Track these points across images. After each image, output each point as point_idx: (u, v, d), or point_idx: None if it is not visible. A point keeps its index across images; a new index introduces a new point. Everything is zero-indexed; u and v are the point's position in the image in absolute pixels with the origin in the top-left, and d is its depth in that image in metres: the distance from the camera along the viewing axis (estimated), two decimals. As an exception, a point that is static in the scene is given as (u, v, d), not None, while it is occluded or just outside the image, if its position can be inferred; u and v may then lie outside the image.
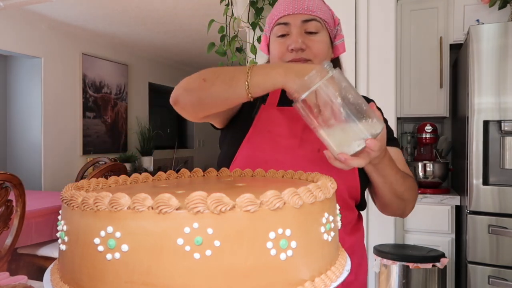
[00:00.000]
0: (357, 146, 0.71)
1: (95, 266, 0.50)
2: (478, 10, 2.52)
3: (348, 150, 0.72)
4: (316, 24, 0.95)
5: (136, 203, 0.48)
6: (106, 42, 4.90)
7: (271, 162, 0.92)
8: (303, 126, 0.95)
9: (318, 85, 0.69)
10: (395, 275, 2.13)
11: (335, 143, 0.72)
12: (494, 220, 2.10)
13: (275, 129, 0.97)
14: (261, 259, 0.49)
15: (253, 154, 0.95)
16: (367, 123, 0.70)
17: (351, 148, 0.71)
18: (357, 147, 0.71)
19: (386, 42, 2.28)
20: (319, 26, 0.95)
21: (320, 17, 0.96)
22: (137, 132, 5.37)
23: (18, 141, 4.27)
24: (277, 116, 0.98)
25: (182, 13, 3.89)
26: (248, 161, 0.94)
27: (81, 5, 3.66)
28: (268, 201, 0.50)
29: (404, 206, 0.99)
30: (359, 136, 0.70)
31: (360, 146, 0.71)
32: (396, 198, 0.94)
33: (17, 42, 3.85)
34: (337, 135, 0.71)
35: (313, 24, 0.95)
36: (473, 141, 2.15)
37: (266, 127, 0.97)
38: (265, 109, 1.00)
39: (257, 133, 0.97)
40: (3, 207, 1.97)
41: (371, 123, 0.70)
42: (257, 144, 0.96)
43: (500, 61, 2.09)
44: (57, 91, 4.29)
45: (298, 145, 0.95)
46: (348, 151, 0.72)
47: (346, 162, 0.72)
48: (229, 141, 1.02)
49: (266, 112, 0.99)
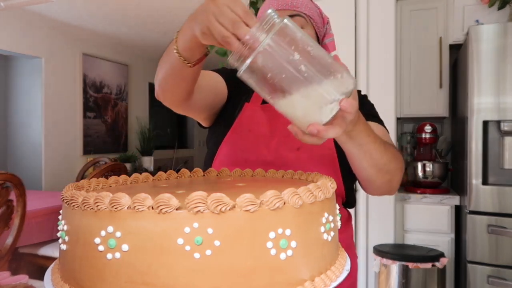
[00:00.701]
0: (330, 112, 0.56)
1: (95, 266, 0.51)
2: (478, 10, 2.52)
3: (319, 118, 0.57)
4: (301, 20, 0.95)
5: (136, 203, 0.49)
6: (106, 42, 4.90)
7: (251, 161, 0.92)
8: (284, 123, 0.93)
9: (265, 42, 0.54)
10: (394, 274, 2.13)
11: (301, 114, 0.57)
12: (493, 220, 2.10)
13: (256, 127, 0.96)
14: (261, 259, 0.49)
15: (233, 153, 0.95)
16: (337, 80, 0.55)
17: (322, 115, 0.57)
18: (329, 112, 0.57)
19: (386, 42, 2.28)
20: (303, 22, 0.95)
21: (304, 13, 0.95)
22: (137, 132, 5.37)
23: (18, 141, 4.27)
24: (260, 115, 0.97)
25: (182, 13, 3.89)
26: (228, 160, 0.94)
27: (81, 5, 3.66)
28: (268, 201, 0.50)
29: (390, 180, 0.85)
30: (329, 99, 0.56)
31: (334, 111, 0.56)
32: (379, 172, 0.81)
33: (18, 42, 3.85)
34: (301, 103, 0.56)
35: (297, 20, 0.94)
36: (472, 141, 2.16)
37: (248, 126, 0.97)
38: (249, 107, 0.99)
39: (237, 132, 0.97)
40: (4, 207, 1.97)
41: (341, 79, 0.56)
42: (237, 143, 0.96)
43: (500, 61, 2.09)
44: (57, 91, 4.29)
45: (278, 143, 0.94)
46: (319, 120, 0.57)
47: (320, 134, 0.57)
48: (213, 140, 1.02)
49: (249, 111, 0.99)
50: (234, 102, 1.01)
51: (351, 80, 0.56)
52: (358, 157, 0.78)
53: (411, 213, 2.45)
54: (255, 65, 0.55)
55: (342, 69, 0.56)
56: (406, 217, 2.45)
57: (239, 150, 0.95)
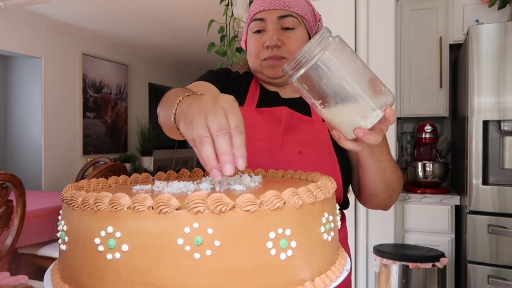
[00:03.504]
0: (375, 118, 0.62)
1: (95, 266, 0.51)
2: (478, 10, 2.52)
3: (364, 124, 0.63)
4: (293, 20, 0.94)
5: (136, 203, 0.49)
6: (106, 42, 4.90)
7: (250, 166, 0.91)
8: (284, 128, 0.93)
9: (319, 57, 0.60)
10: (395, 274, 2.13)
11: (347, 119, 0.63)
12: (493, 220, 2.10)
13: (254, 132, 0.93)
14: (261, 259, 0.49)
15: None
16: (380, 93, 0.62)
17: (368, 120, 0.63)
18: (375, 118, 0.62)
19: (386, 42, 2.28)
20: (295, 22, 0.94)
21: (297, 13, 0.94)
22: (137, 132, 5.37)
23: (18, 141, 4.27)
24: (256, 118, 0.95)
25: (182, 13, 3.89)
26: None
27: (81, 5, 3.66)
28: (268, 201, 0.50)
29: (391, 196, 0.91)
30: (374, 107, 0.62)
31: (379, 117, 0.62)
32: (386, 187, 0.88)
33: (18, 42, 3.85)
34: (350, 111, 0.62)
35: (289, 20, 0.93)
36: (472, 141, 2.16)
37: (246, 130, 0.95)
38: (244, 111, 0.96)
39: None
40: (4, 207, 1.97)
41: (384, 93, 0.63)
42: None
43: (500, 61, 2.09)
44: (57, 91, 4.29)
45: (278, 148, 0.92)
46: (364, 126, 0.63)
47: (365, 137, 0.63)
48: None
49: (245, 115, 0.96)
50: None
51: (391, 94, 0.63)
52: (374, 172, 0.84)
53: (411, 213, 2.45)
54: (309, 76, 0.61)
55: (383, 84, 0.63)
56: (406, 217, 2.45)
57: None
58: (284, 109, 0.95)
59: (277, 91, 1.02)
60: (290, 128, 0.95)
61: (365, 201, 0.97)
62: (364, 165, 0.84)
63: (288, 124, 0.94)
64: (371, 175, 0.85)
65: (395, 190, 0.90)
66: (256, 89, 1.02)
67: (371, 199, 0.93)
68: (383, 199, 0.91)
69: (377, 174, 0.84)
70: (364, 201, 0.98)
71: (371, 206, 0.98)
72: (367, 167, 0.84)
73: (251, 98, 0.99)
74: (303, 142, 0.93)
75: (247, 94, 1.00)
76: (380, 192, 0.89)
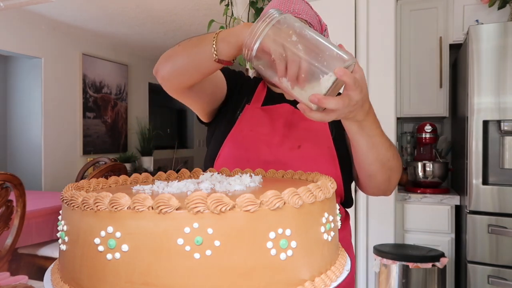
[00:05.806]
0: (327, 81, 0.61)
1: (95, 266, 0.51)
2: (478, 10, 2.52)
3: (318, 90, 0.62)
4: None
5: (136, 203, 0.49)
6: (106, 42, 4.90)
7: (253, 160, 0.93)
8: (284, 123, 0.97)
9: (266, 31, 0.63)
10: (395, 274, 2.13)
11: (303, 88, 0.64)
12: (493, 220, 2.10)
13: (258, 128, 0.98)
14: (261, 259, 0.49)
15: (235, 153, 0.96)
16: (332, 57, 0.62)
17: (321, 86, 0.62)
18: (327, 82, 0.61)
19: (386, 42, 2.28)
20: None
21: (305, 20, 0.97)
22: (137, 132, 5.37)
23: (18, 141, 4.27)
24: (261, 116, 0.99)
25: (182, 13, 3.89)
26: (230, 159, 0.95)
27: (81, 5, 3.66)
28: (268, 201, 0.50)
29: (389, 178, 0.88)
30: (325, 70, 0.61)
31: (331, 80, 0.61)
32: (382, 166, 0.85)
33: (17, 43, 3.85)
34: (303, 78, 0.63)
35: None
36: (472, 141, 2.15)
37: (249, 126, 0.99)
38: (250, 109, 1.01)
39: (239, 132, 0.98)
40: (4, 207, 1.97)
41: (335, 56, 0.62)
42: (239, 143, 0.97)
43: (500, 61, 2.09)
44: (57, 92, 4.28)
45: (279, 142, 0.96)
46: (319, 91, 0.62)
47: (320, 102, 0.61)
48: (213, 140, 1.03)
49: (250, 112, 1.01)
50: (235, 104, 1.02)
51: (348, 56, 0.62)
52: (366, 149, 0.81)
53: (411, 213, 2.45)
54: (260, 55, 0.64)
55: (339, 48, 0.62)
56: (406, 217, 2.45)
57: (241, 150, 0.96)
58: (286, 106, 1.00)
59: (282, 92, 1.05)
60: (291, 124, 0.98)
61: (364, 185, 0.95)
62: (355, 143, 0.81)
63: (289, 120, 0.98)
64: (363, 154, 0.83)
65: (392, 170, 0.86)
66: (263, 90, 1.06)
67: (369, 181, 0.91)
68: (381, 181, 0.89)
69: (370, 152, 0.81)
70: (363, 186, 0.96)
71: (371, 191, 0.95)
72: (357, 145, 0.81)
73: (257, 98, 1.03)
74: (302, 137, 0.96)
75: (253, 94, 1.04)
76: (377, 172, 0.86)
